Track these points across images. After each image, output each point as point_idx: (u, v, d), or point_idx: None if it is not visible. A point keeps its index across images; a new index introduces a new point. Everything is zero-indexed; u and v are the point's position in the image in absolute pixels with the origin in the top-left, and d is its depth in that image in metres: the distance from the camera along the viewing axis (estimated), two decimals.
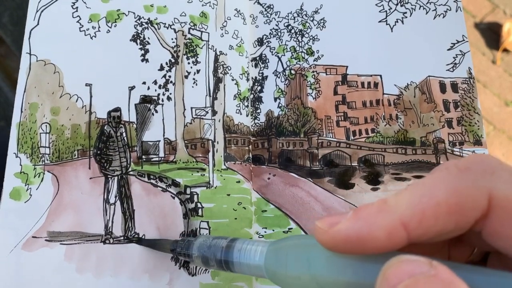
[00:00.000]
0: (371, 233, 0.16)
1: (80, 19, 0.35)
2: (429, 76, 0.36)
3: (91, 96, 0.33)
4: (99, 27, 0.35)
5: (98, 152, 0.32)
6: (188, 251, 0.25)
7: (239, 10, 0.38)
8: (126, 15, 0.36)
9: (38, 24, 0.34)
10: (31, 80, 0.33)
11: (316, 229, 0.17)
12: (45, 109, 0.32)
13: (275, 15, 0.39)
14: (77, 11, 0.35)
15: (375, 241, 0.16)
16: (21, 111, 0.32)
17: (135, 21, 0.36)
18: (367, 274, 0.16)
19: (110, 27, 0.35)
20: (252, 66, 0.38)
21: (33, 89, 0.33)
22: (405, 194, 0.16)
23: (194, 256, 0.25)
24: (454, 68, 0.36)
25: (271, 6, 0.39)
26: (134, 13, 0.36)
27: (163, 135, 0.33)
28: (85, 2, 0.35)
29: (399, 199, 0.16)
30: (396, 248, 0.16)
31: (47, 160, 0.31)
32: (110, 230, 0.31)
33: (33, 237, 0.30)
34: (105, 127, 0.33)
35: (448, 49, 0.37)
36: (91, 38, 0.35)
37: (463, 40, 0.37)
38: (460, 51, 0.37)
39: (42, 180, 0.31)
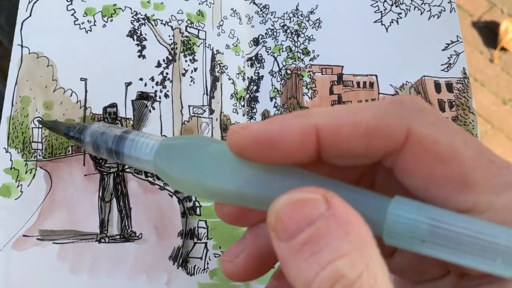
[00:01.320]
0: (283, 135, 0.15)
1: (75, 12, 0.34)
2: (424, 76, 0.37)
3: (86, 91, 0.32)
4: (94, 21, 0.34)
5: None
6: (81, 136, 0.25)
7: (235, 10, 0.38)
8: (123, 10, 0.35)
9: (30, 15, 0.33)
10: (23, 72, 0.32)
11: (229, 132, 0.16)
12: (37, 103, 0.31)
13: (271, 15, 0.39)
14: (71, 4, 0.34)
15: (285, 145, 0.15)
16: (12, 105, 0.31)
17: (132, 17, 0.35)
18: (262, 186, 0.16)
19: (106, 22, 0.34)
20: (248, 66, 0.38)
21: (25, 82, 0.31)
22: (330, 108, 0.16)
23: (85, 141, 0.24)
24: (449, 68, 0.37)
25: (267, 6, 0.39)
26: (130, 8, 0.35)
27: (161, 132, 0.33)
28: None
29: (321, 109, 0.16)
30: (304, 160, 0.16)
31: (39, 155, 0.30)
32: (106, 228, 0.30)
33: (24, 235, 0.28)
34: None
35: (443, 50, 0.37)
36: (86, 32, 0.34)
37: (458, 40, 0.38)
38: (455, 51, 0.37)
39: (34, 177, 0.30)
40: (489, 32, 1.11)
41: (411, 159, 0.15)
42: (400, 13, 0.39)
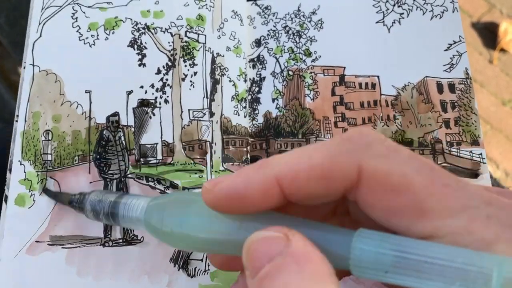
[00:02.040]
0: (248, 189, 0.16)
1: (80, 28, 0.36)
2: (426, 76, 0.36)
3: (90, 103, 0.34)
4: (97, 35, 0.36)
5: (98, 156, 0.33)
6: (82, 205, 0.27)
7: (236, 12, 0.38)
8: (124, 22, 0.36)
9: (40, 36, 0.35)
10: (34, 90, 0.34)
11: (202, 189, 0.17)
12: (47, 117, 0.34)
13: (273, 16, 0.39)
14: (76, 21, 0.36)
15: (252, 197, 0.16)
16: (25, 120, 0.33)
17: (132, 27, 0.36)
18: (238, 233, 0.17)
19: (108, 35, 0.36)
20: (250, 67, 0.38)
21: (36, 99, 0.34)
22: (286, 154, 0.17)
23: (86, 210, 0.27)
24: (451, 68, 0.36)
25: (269, 7, 0.39)
26: (131, 19, 0.36)
27: (161, 138, 0.34)
28: (84, 12, 0.36)
29: (279, 158, 0.17)
30: (273, 206, 0.17)
31: (49, 166, 0.33)
32: (109, 233, 0.32)
33: (36, 241, 0.31)
34: (104, 132, 0.34)
35: (445, 50, 0.36)
36: (90, 46, 0.35)
37: (460, 40, 0.36)
38: (457, 51, 0.36)
39: (44, 186, 0.32)
40: (488, 33, 1.11)
41: (367, 193, 0.16)
42: (402, 14, 0.38)
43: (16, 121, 0.33)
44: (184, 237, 0.18)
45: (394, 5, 0.38)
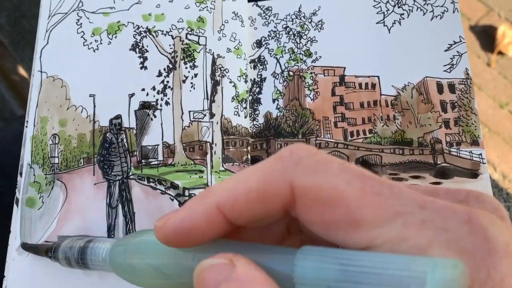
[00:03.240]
0: (192, 221, 0.16)
1: (84, 34, 0.37)
2: (426, 77, 0.35)
3: (94, 106, 0.35)
4: (101, 40, 0.37)
5: (101, 158, 0.34)
6: (55, 254, 0.27)
7: (237, 13, 0.38)
8: (126, 26, 0.37)
9: (47, 43, 0.37)
10: (42, 95, 0.36)
11: (154, 228, 0.17)
12: (54, 122, 0.35)
13: (274, 17, 0.39)
14: (81, 26, 0.37)
15: (197, 228, 0.16)
16: (34, 125, 0.35)
17: (134, 31, 0.37)
18: (193, 265, 0.17)
19: (111, 39, 0.37)
20: (251, 68, 0.38)
21: (44, 104, 0.35)
22: (226, 181, 0.17)
23: (59, 258, 0.27)
24: (451, 69, 0.35)
25: (270, 8, 0.39)
26: (133, 23, 0.37)
27: (162, 139, 0.35)
28: (88, 18, 0.37)
29: (220, 185, 0.17)
30: (221, 233, 0.17)
31: (56, 169, 0.34)
32: (113, 232, 0.33)
33: (45, 241, 0.33)
34: (107, 135, 0.35)
35: (445, 50, 0.36)
36: (94, 51, 0.36)
37: (460, 41, 0.36)
38: (457, 52, 0.36)
39: (52, 188, 0.34)
40: (486, 36, 1.10)
41: (303, 209, 0.16)
42: (403, 14, 0.37)
43: (26, 126, 0.35)
44: (150, 269, 0.19)
45: (394, 6, 0.38)
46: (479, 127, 0.34)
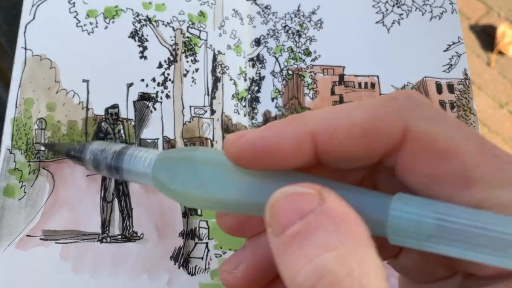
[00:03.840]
0: (278, 143, 0.15)
1: (77, 14, 0.34)
2: (425, 77, 0.37)
3: (88, 92, 0.33)
4: (96, 23, 0.34)
5: None
6: (82, 154, 0.24)
7: (237, 11, 0.38)
8: (124, 12, 0.35)
9: (34, 18, 0.33)
10: (26, 75, 0.32)
11: (225, 141, 0.16)
12: (40, 105, 0.32)
13: (273, 15, 0.39)
14: (74, 6, 0.34)
15: (281, 152, 0.15)
16: (16, 107, 0.31)
17: (134, 18, 0.35)
18: (260, 192, 0.15)
19: (108, 24, 0.35)
20: (250, 66, 0.38)
21: (28, 84, 0.32)
22: (324, 110, 0.15)
23: (86, 160, 0.24)
24: (450, 69, 0.37)
25: (269, 7, 0.39)
26: (132, 9, 0.35)
27: (162, 133, 0.33)
28: None
29: (315, 113, 0.15)
30: (301, 165, 0.15)
31: (42, 156, 0.31)
32: (107, 228, 0.30)
33: (27, 235, 0.29)
34: (103, 124, 0.32)
35: (444, 50, 0.37)
36: (89, 34, 0.34)
37: (459, 41, 0.37)
38: (456, 52, 0.37)
39: (37, 177, 0.30)
40: (486, 36, 1.10)
41: (410, 157, 0.15)
42: (402, 14, 0.38)
43: (7, 107, 0.31)
44: (196, 196, 0.17)
45: (393, 6, 0.39)
46: (478, 127, 0.35)
